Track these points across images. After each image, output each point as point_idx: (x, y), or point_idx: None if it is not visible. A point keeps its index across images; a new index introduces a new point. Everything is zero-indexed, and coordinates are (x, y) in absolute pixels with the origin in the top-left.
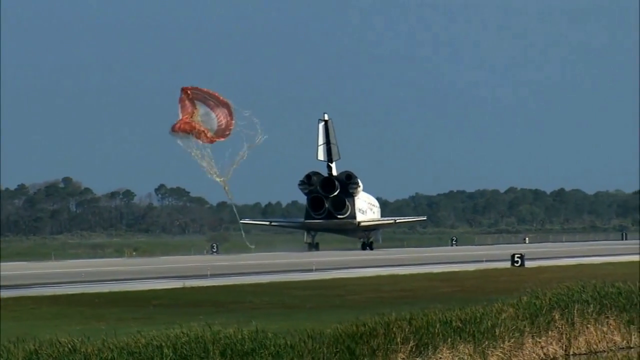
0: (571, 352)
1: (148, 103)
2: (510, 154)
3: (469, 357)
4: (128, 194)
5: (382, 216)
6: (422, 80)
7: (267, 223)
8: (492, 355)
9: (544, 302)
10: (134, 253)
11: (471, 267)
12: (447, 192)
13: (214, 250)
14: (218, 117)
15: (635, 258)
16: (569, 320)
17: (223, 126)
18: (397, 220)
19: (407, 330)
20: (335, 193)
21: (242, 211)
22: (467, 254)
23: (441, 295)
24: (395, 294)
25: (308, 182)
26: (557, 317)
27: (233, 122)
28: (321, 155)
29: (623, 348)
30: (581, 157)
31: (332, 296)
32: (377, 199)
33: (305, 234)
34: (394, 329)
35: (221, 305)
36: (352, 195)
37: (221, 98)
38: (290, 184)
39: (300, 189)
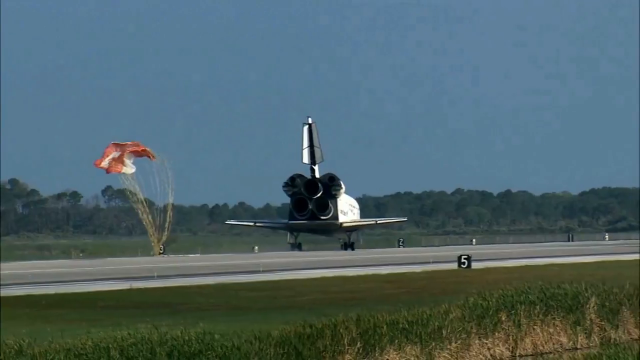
0: (517, 353)
1: (95, 105)
2: (458, 156)
3: (416, 358)
4: (75, 196)
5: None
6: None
7: (252, 224)
8: (439, 357)
9: (490, 303)
10: (81, 254)
11: (418, 268)
12: (394, 194)
13: (161, 252)
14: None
15: (580, 259)
16: (516, 321)
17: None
18: (378, 221)
19: (354, 331)
20: (319, 195)
21: (189, 212)
22: (414, 255)
23: (388, 297)
24: (343, 296)
25: (292, 184)
26: (503, 318)
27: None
28: (305, 159)
29: (569, 349)
30: (528, 159)
31: (279, 297)
32: None
33: (289, 234)
34: (341, 330)
35: (168, 306)
36: (334, 197)
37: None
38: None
39: (285, 190)
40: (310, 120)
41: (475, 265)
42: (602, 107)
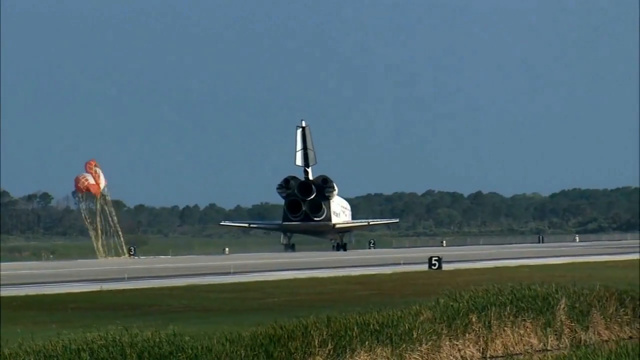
0: (488, 355)
1: (67, 105)
2: (429, 157)
3: (387, 359)
4: (45, 197)
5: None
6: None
7: (246, 225)
8: (410, 358)
9: (461, 305)
10: (51, 256)
11: (389, 270)
12: (365, 195)
13: (132, 253)
14: None
15: (551, 261)
16: (486, 323)
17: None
18: (371, 223)
19: (325, 333)
20: (312, 196)
21: (159, 214)
22: (385, 256)
23: (359, 298)
24: (314, 297)
25: (286, 186)
26: (474, 319)
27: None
28: (299, 161)
29: (539, 350)
30: (498, 161)
31: (250, 299)
32: None
33: (282, 235)
34: (311, 332)
35: (139, 308)
36: (327, 199)
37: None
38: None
39: (279, 192)
40: (303, 124)
41: (445, 266)
42: (573, 109)
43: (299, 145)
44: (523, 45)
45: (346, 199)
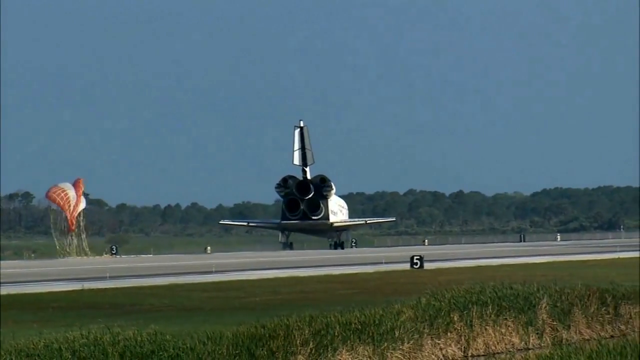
0: (470, 354)
1: (49, 104)
2: (410, 156)
3: (368, 358)
4: (27, 196)
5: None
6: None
7: (246, 224)
8: (392, 357)
9: (443, 303)
10: (33, 255)
11: (370, 269)
12: (347, 194)
13: (114, 252)
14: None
15: (532, 260)
16: (468, 321)
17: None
18: (368, 221)
19: (306, 332)
20: (310, 195)
21: (141, 213)
22: (366, 255)
23: (341, 297)
24: (295, 296)
25: (284, 185)
26: (455, 318)
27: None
28: (296, 160)
29: (521, 349)
30: (480, 160)
31: (231, 298)
32: (277, 200)
33: (280, 233)
34: (293, 331)
35: (120, 307)
36: (325, 198)
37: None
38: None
39: (277, 191)
40: (302, 124)
41: (427, 265)
42: (554, 109)
43: (297, 145)
44: (509, 47)
45: None
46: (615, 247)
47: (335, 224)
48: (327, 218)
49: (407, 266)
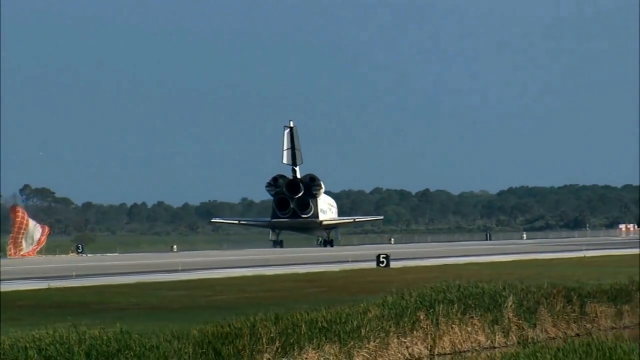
0: (436, 352)
1: (16, 101)
2: (376, 155)
3: (335, 357)
4: None
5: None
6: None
7: (237, 222)
8: (358, 356)
9: (409, 302)
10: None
11: (337, 267)
12: None
13: (80, 251)
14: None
15: (498, 258)
16: (434, 320)
17: None
18: (356, 220)
19: (273, 330)
20: (300, 194)
21: (107, 211)
22: (332, 254)
23: (307, 296)
24: (262, 295)
25: (274, 184)
26: (422, 317)
27: None
28: (285, 159)
29: (487, 348)
30: (446, 158)
31: (198, 297)
32: (244, 199)
33: (271, 231)
34: (259, 330)
35: (87, 306)
36: (314, 196)
37: None
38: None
39: (267, 190)
40: (291, 124)
41: (394, 264)
42: (521, 108)
43: (286, 145)
44: (481, 48)
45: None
46: (581, 246)
47: (325, 222)
48: (317, 216)
49: (373, 265)
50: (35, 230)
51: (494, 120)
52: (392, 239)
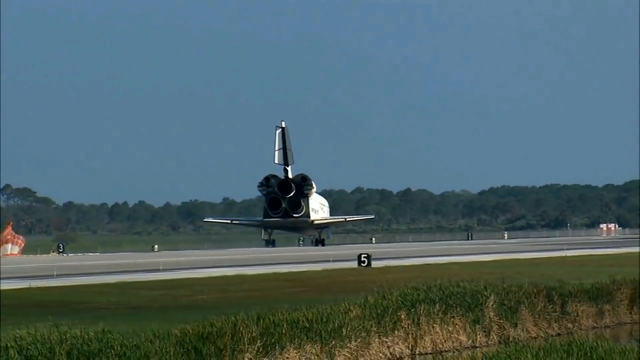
0: (417, 352)
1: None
2: (357, 155)
3: (316, 356)
4: None
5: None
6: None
7: (229, 221)
8: (339, 355)
9: (390, 302)
10: None
11: (318, 267)
12: None
13: (61, 251)
14: None
15: (480, 258)
16: (415, 320)
17: None
18: (347, 219)
19: (254, 330)
20: (292, 194)
21: (88, 211)
22: (314, 254)
23: (288, 296)
24: (243, 294)
25: (266, 183)
26: (403, 316)
27: None
28: (277, 159)
29: (468, 347)
30: (427, 158)
31: (179, 296)
32: (225, 198)
33: (263, 231)
34: (241, 329)
35: (68, 305)
36: (306, 196)
37: None
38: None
39: (259, 190)
40: (283, 124)
41: (375, 263)
42: (500, 108)
43: (278, 145)
44: (460, 46)
45: None
46: (562, 246)
47: (316, 222)
48: (308, 216)
49: (354, 264)
50: (11, 249)
51: (475, 120)
52: (374, 239)
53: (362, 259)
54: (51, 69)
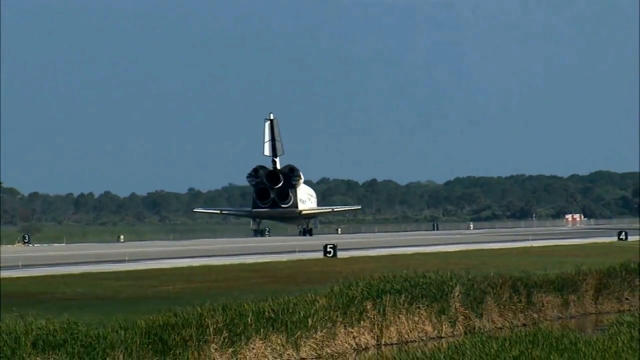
0: (383, 342)
1: None
2: (323, 145)
3: (282, 347)
4: None
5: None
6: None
7: (218, 211)
8: (305, 345)
9: (356, 292)
10: None
11: (284, 257)
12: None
13: (26, 241)
14: None
15: (445, 248)
16: (381, 310)
17: None
18: (335, 209)
19: (220, 320)
20: (280, 184)
21: (54, 201)
22: (279, 244)
23: (254, 286)
24: (209, 285)
25: (255, 174)
26: (369, 307)
27: None
28: (267, 151)
29: (434, 338)
30: (393, 149)
31: (145, 287)
32: (191, 189)
33: (252, 221)
34: (206, 320)
35: (33, 296)
36: (294, 187)
37: None
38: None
39: (248, 180)
40: (272, 116)
41: (341, 254)
42: (466, 98)
43: (267, 137)
44: (442, 40)
45: (240, 187)
46: (528, 236)
47: (304, 212)
48: (296, 206)
49: (320, 255)
50: None
51: (440, 110)
52: (339, 229)
53: (328, 249)
54: (14, 58)
